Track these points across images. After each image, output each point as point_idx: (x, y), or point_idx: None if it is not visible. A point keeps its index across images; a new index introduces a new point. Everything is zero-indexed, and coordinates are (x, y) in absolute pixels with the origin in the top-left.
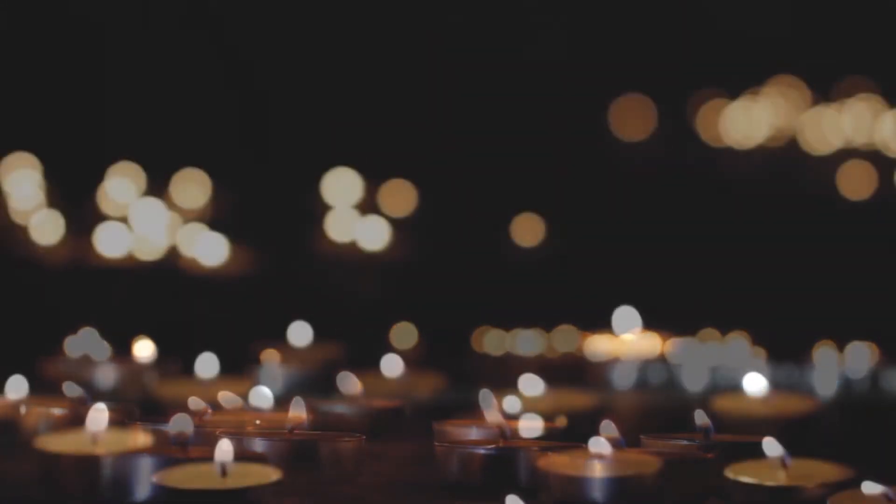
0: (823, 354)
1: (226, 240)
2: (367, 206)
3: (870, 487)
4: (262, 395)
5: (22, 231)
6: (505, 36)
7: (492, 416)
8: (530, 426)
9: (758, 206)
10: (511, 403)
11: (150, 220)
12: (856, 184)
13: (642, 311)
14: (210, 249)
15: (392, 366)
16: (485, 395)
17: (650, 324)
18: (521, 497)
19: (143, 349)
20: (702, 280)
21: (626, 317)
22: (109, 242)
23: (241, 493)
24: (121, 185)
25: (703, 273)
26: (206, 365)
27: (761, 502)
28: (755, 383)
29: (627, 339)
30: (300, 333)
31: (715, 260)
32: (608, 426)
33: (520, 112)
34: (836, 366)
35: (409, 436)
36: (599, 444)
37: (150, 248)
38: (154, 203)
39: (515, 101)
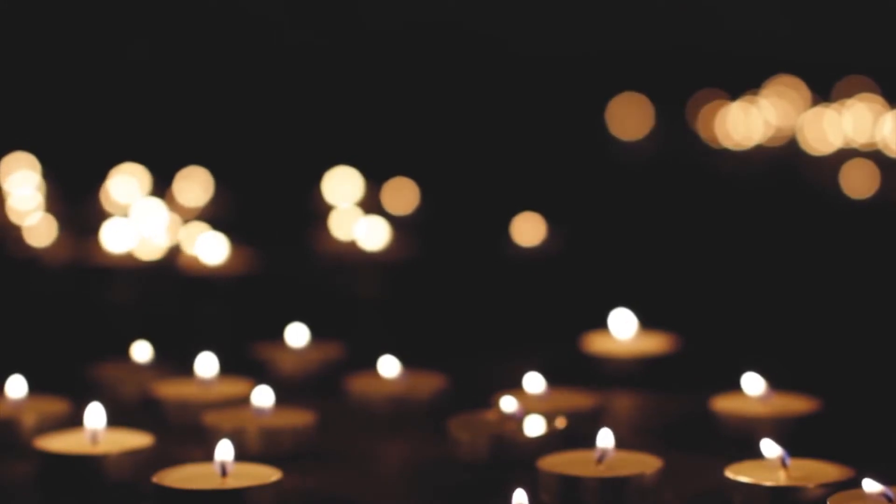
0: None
1: (227, 239)
2: (369, 204)
3: (870, 486)
4: (264, 395)
5: (19, 231)
6: (506, 35)
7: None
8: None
9: (757, 205)
10: (509, 403)
11: (152, 219)
12: (857, 183)
13: (641, 311)
14: (210, 248)
15: (390, 366)
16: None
17: (649, 323)
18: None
19: (142, 350)
20: (701, 280)
21: (624, 316)
22: (113, 240)
23: (240, 493)
24: (125, 184)
25: (703, 273)
26: (206, 365)
27: (761, 502)
28: (755, 383)
29: (627, 338)
30: (297, 335)
31: (714, 260)
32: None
33: (519, 110)
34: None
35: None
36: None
37: (151, 247)
38: (155, 202)
39: (516, 99)
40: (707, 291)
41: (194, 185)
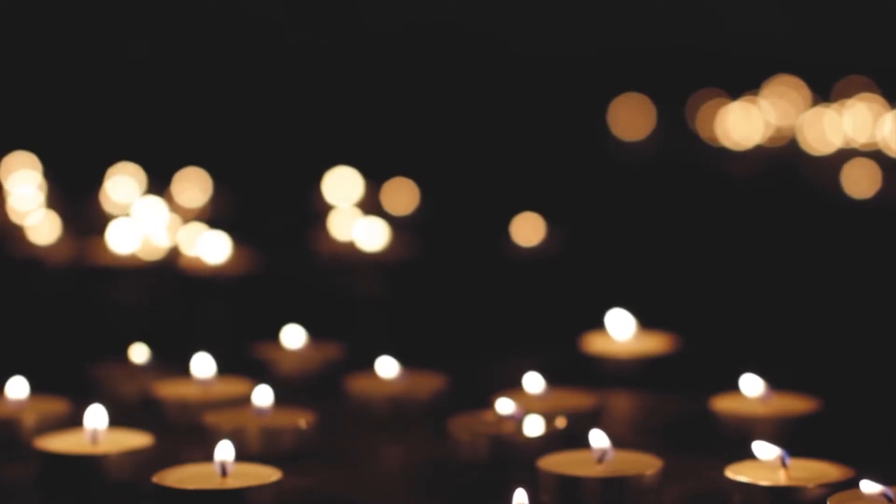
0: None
1: (227, 239)
2: (369, 204)
3: (869, 487)
4: (264, 395)
5: (20, 231)
6: (506, 35)
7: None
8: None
9: (757, 205)
10: (506, 404)
11: (152, 219)
12: (857, 183)
13: (640, 311)
14: (211, 249)
15: (390, 367)
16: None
17: (649, 323)
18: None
19: (140, 351)
20: (701, 280)
21: (619, 316)
22: (113, 241)
23: (240, 493)
24: (123, 184)
25: (703, 273)
26: (205, 365)
27: (761, 502)
28: (753, 385)
29: (626, 338)
30: (293, 337)
31: (714, 260)
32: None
33: (520, 110)
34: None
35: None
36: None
37: (151, 247)
38: (155, 202)
39: (516, 99)
40: (707, 291)
41: (193, 185)
